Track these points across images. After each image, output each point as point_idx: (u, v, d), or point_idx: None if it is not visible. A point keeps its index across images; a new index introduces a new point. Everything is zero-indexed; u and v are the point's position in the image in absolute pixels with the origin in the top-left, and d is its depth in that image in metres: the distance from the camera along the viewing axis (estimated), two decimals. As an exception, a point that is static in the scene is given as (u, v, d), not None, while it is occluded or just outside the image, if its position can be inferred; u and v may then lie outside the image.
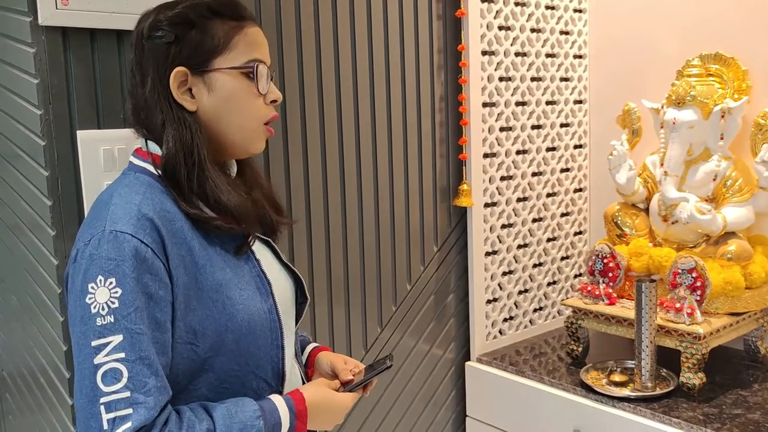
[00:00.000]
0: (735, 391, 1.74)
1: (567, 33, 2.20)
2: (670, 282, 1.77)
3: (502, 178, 2.08)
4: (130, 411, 0.89)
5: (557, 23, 2.17)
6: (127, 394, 0.90)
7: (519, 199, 2.13)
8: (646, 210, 2.00)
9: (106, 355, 0.91)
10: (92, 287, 0.92)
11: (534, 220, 2.18)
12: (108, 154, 1.39)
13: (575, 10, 2.22)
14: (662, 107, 1.91)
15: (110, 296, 0.92)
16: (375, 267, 1.89)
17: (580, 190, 2.31)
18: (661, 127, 1.92)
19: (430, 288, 2.02)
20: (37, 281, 1.47)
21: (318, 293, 1.78)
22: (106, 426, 0.89)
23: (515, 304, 2.17)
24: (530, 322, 2.22)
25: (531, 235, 2.18)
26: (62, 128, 1.33)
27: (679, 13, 2.04)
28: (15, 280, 1.65)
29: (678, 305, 1.72)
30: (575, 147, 2.27)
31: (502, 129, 2.05)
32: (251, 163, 1.18)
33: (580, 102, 2.27)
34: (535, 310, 2.23)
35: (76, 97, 1.35)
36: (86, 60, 1.35)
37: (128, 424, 0.89)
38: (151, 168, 1.04)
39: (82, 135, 1.35)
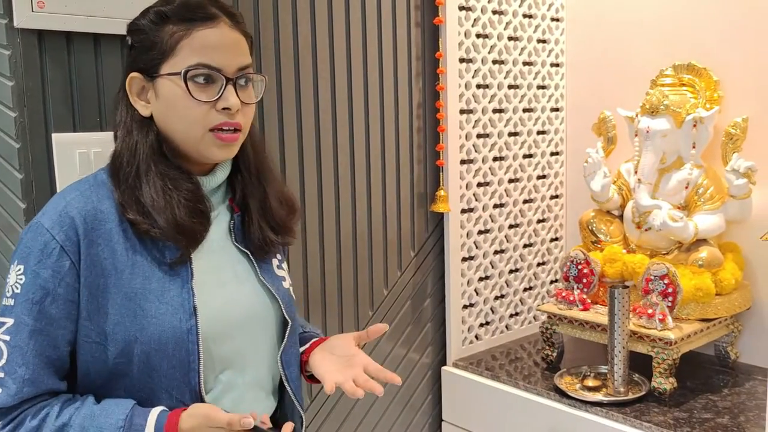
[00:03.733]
0: (705, 395, 1.76)
1: (544, 41, 2.23)
2: (642, 288, 1.79)
3: (479, 185, 2.10)
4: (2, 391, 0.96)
5: (534, 32, 2.19)
6: (1, 374, 0.96)
7: (496, 206, 2.15)
8: (621, 217, 2.03)
9: (1, 333, 0.97)
10: (12, 268, 0.99)
11: (510, 226, 2.20)
12: (84, 157, 1.39)
13: (552, 19, 2.25)
14: (637, 116, 1.94)
15: (16, 281, 0.98)
16: (352, 272, 1.90)
17: (557, 196, 2.33)
18: (636, 136, 1.95)
19: (407, 293, 2.03)
20: (11, 284, 1.46)
21: (295, 298, 1.78)
22: None
23: (491, 309, 2.18)
24: (506, 327, 2.23)
25: (507, 241, 2.20)
26: (37, 131, 1.33)
27: (653, 24, 2.08)
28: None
29: (650, 311, 1.74)
30: (552, 154, 2.30)
31: (479, 136, 2.07)
32: (255, 175, 1.15)
33: (557, 110, 2.30)
34: (511, 316, 2.25)
35: (51, 100, 1.34)
36: (62, 63, 1.35)
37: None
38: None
39: (57, 138, 1.35)
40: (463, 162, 2.04)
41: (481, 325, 2.16)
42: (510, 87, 2.14)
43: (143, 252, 1.02)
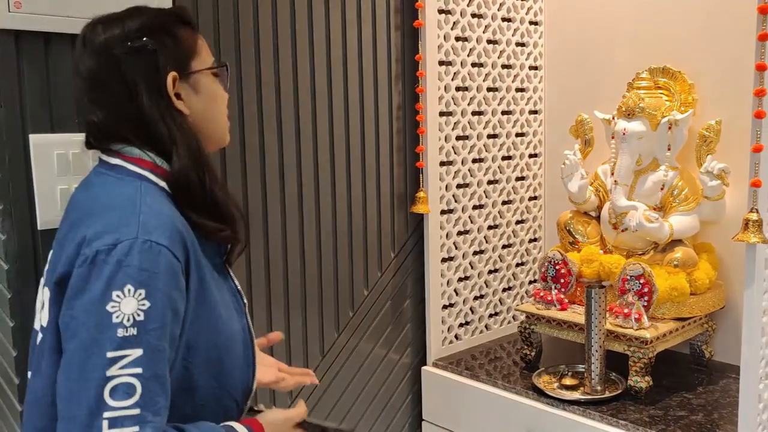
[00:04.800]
0: (680, 393, 1.79)
1: (523, 45, 2.25)
2: (619, 288, 1.82)
3: (459, 186, 2.11)
4: (136, 429, 0.86)
5: (513, 35, 2.22)
6: (137, 411, 0.86)
7: (475, 207, 2.17)
8: (598, 218, 2.06)
9: (121, 368, 0.87)
10: (118, 295, 0.88)
11: (490, 227, 2.22)
12: (62, 158, 1.38)
13: (531, 23, 2.27)
14: (613, 118, 1.96)
15: (137, 308, 0.88)
16: (332, 272, 1.91)
17: (535, 198, 2.36)
18: (612, 138, 1.97)
19: (387, 293, 2.04)
20: (-13, 286, 1.46)
21: (274, 298, 1.79)
22: None
23: (471, 309, 2.20)
24: (486, 327, 2.25)
25: (487, 241, 2.22)
26: (14, 132, 1.33)
27: (630, 28, 2.11)
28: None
29: (626, 311, 1.76)
30: (530, 156, 2.32)
31: (458, 138, 2.09)
32: None
33: (535, 112, 2.32)
34: (490, 316, 2.26)
35: (28, 100, 1.34)
36: (39, 64, 1.35)
37: None
38: (154, 178, 1.01)
39: (34, 139, 1.35)
40: (442, 164, 2.06)
41: (461, 325, 2.18)
42: (489, 90, 2.16)
43: (208, 259, 1.04)
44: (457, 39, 2.05)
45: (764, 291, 1.48)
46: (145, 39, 1.01)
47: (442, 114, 2.04)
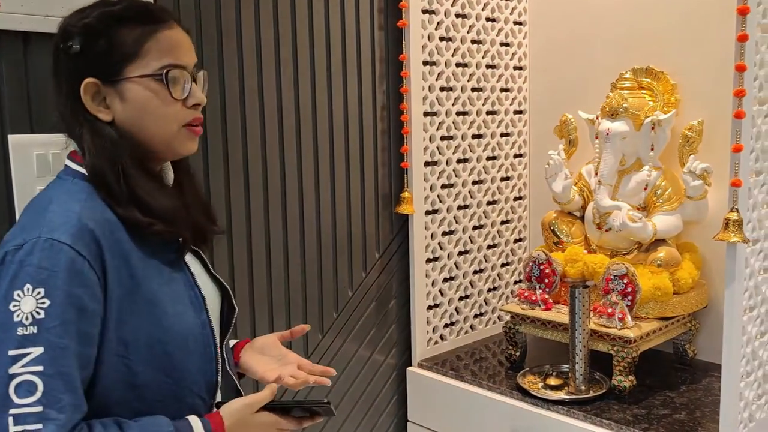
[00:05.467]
0: (663, 392, 1.80)
1: (507, 45, 2.26)
2: (602, 288, 1.83)
3: (443, 186, 2.11)
4: (39, 426, 0.87)
5: (497, 35, 2.22)
6: (39, 408, 0.87)
7: (460, 207, 2.17)
8: (582, 218, 2.06)
9: (23, 366, 0.88)
10: (18, 295, 0.90)
11: (474, 228, 2.22)
12: (41, 158, 1.37)
13: (515, 23, 2.27)
14: (597, 118, 1.97)
15: (36, 306, 0.90)
16: (316, 273, 1.90)
17: (520, 198, 2.36)
18: (596, 138, 1.98)
19: (371, 294, 2.04)
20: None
21: (258, 300, 1.78)
22: None
23: (456, 309, 2.20)
24: (471, 327, 2.25)
25: (471, 242, 2.22)
26: (-8, 132, 1.31)
27: (613, 29, 2.12)
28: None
29: (610, 310, 1.77)
30: (515, 156, 2.32)
31: (443, 138, 2.09)
32: (187, 170, 1.17)
33: (520, 112, 2.32)
34: (475, 316, 2.27)
35: (7, 100, 1.32)
36: (19, 63, 1.33)
37: None
38: (86, 173, 1.02)
39: (13, 139, 1.33)
40: (427, 164, 2.06)
41: (446, 325, 2.18)
42: (473, 90, 2.16)
43: (150, 255, 1.02)
44: (442, 39, 2.05)
45: (745, 290, 1.50)
46: (69, 42, 1.00)
47: (426, 114, 2.04)
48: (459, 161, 2.15)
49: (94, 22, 1.00)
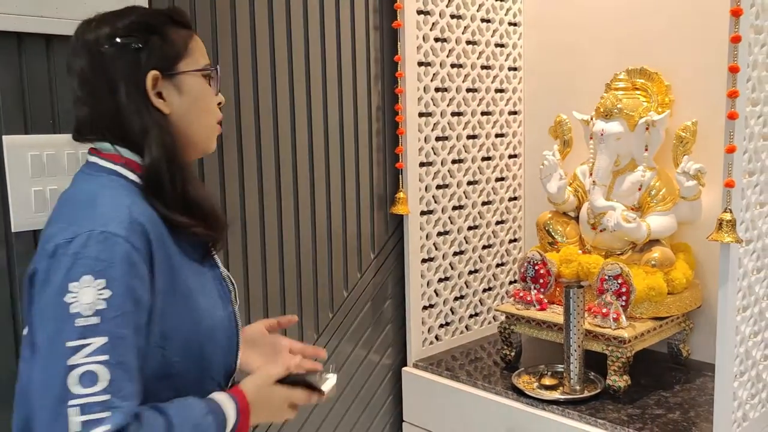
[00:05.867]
0: (657, 392, 1.81)
1: (502, 46, 2.26)
2: (597, 288, 1.83)
3: (438, 187, 2.12)
4: (107, 414, 0.88)
5: (492, 36, 2.22)
6: (106, 397, 0.89)
7: (455, 207, 2.17)
8: (577, 218, 2.07)
9: (85, 357, 0.89)
10: (74, 286, 0.91)
11: (470, 228, 2.23)
12: (36, 159, 1.37)
13: (510, 24, 2.28)
14: (591, 119, 1.98)
15: (97, 297, 0.91)
16: (312, 274, 1.90)
17: (515, 198, 2.37)
18: (591, 139, 1.99)
19: (367, 294, 2.04)
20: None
21: (254, 299, 1.78)
22: (78, 428, 0.87)
23: (451, 310, 2.21)
24: (466, 327, 2.26)
25: (467, 242, 2.22)
26: (-13, 133, 1.31)
27: (608, 30, 2.12)
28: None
29: (604, 310, 1.78)
30: (510, 157, 2.33)
31: (438, 139, 2.09)
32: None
33: (515, 113, 2.33)
34: (470, 316, 2.27)
35: (2, 101, 1.32)
36: (13, 64, 1.33)
37: (105, 427, 0.88)
38: (124, 172, 1.04)
39: (8, 140, 1.33)
40: (422, 164, 2.06)
41: (441, 325, 2.18)
42: (468, 90, 2.17)
43: (184, 251, 1.07)
44: (436, 40, 2.06)
45: (738, 290, 1.50)
46: (130, 36, 1.04)
47: (421, 115, 2.04)
48: (454, 162, 2.15)
49: (149, 19, 1.07)
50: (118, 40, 1.03)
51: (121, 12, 1.07)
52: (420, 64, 2.02)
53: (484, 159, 2.24)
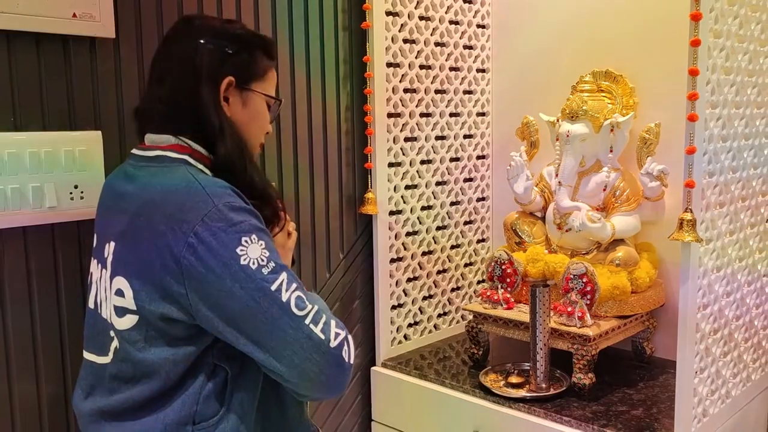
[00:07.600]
0: (622, 389, 1.84)
1: (470, 48, 2.28)
2: (563, 287, 1.86)
3: (407, 187, 2.13)
4: (325, 317, 1.09)
5: (461, 38, 2.24)
6: (316, 307, 1.09)
7: (423, 208, 2.19)
8: (543, 218, 2.09)
9: (286, 291, 1.06)
10: (241, 250, 1.05)
11: (438, 228, 2.24)
12: (34, 156, 1.37)
13: (478, 26, 2.30)
14: (557, 120, 2.00)
15: (260, 249, 1.06)
16: (280, 274, 1.90)
17: (483, 199, 2.39)
18: (557, 140, 2.01)
19: (336, 294, 2.04)
20: None
21: (221, 301, 1.77)
22: (328, 336, 1.07)
23: (420, 309, 2.22)
24: (435, 327, 2.27)
25: (435, 242, 2.24)
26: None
27: (574, 33, 2.15)
28: None
29: (570, 309, 1.80)
30: (478, 158, 2.35)
31: (406, 139, 2.11)
32: None
33: (483, 114, 2.35)
34: (439, 316, 2.28)
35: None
36: (2, 62, 1.33)
37: (334, 322, 1.10)
38: (192, 161, 1.15)
39: (1, 137, 1.32)
40: (391, 165, 2.07)
41: (410, 325, 2.19)
42: (437, 92, 2.18)
43: None
44: (405, 41, 2.07)
45: (699, 288, 1.54)
46: (224, 42, 1.18)
47: (390, 115, 2.05)
48: (422, 162, 2.16)
49: (248, 37, 1.23)
50: (217, 38, 1.18)
51: (228, 20, 1.26)
52: (389, 65, 2.03)
53: (452, 160, 2.26)
